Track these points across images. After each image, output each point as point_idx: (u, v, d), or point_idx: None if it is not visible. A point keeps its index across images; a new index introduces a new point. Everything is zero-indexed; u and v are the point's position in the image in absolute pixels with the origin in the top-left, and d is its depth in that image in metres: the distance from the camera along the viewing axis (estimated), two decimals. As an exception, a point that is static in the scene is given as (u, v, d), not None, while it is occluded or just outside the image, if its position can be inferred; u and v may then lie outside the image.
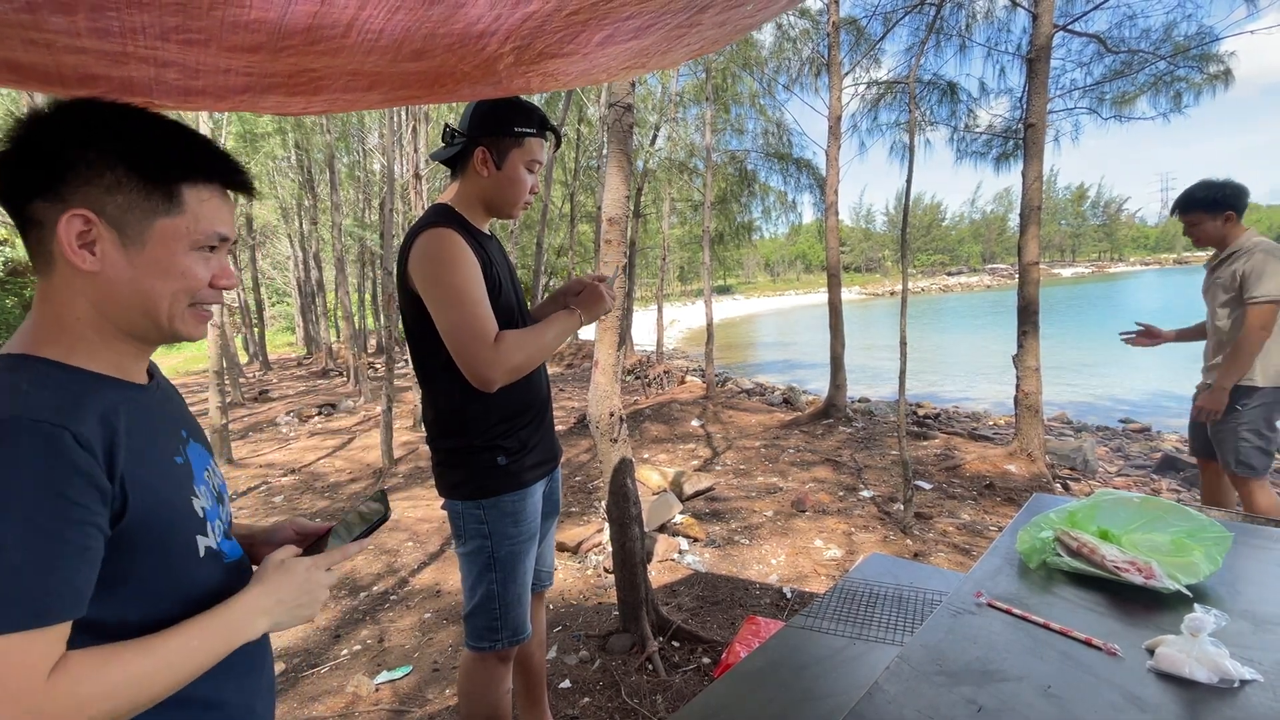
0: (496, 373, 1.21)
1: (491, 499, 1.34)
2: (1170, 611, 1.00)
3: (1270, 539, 1.33)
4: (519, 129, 1.31)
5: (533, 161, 1.35)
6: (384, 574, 3.34)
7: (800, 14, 8.21)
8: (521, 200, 1.36)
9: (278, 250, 21.29)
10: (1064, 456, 5.13)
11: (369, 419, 7.90)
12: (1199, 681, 0.84)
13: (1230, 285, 2.50)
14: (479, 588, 1.38)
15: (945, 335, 21.64)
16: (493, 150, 1.31)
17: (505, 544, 1.36)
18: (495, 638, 1.39)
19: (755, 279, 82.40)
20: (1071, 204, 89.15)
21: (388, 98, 1.04)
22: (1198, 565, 1.09)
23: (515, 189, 1.34)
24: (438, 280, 1.21)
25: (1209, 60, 5.56)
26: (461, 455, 1.34)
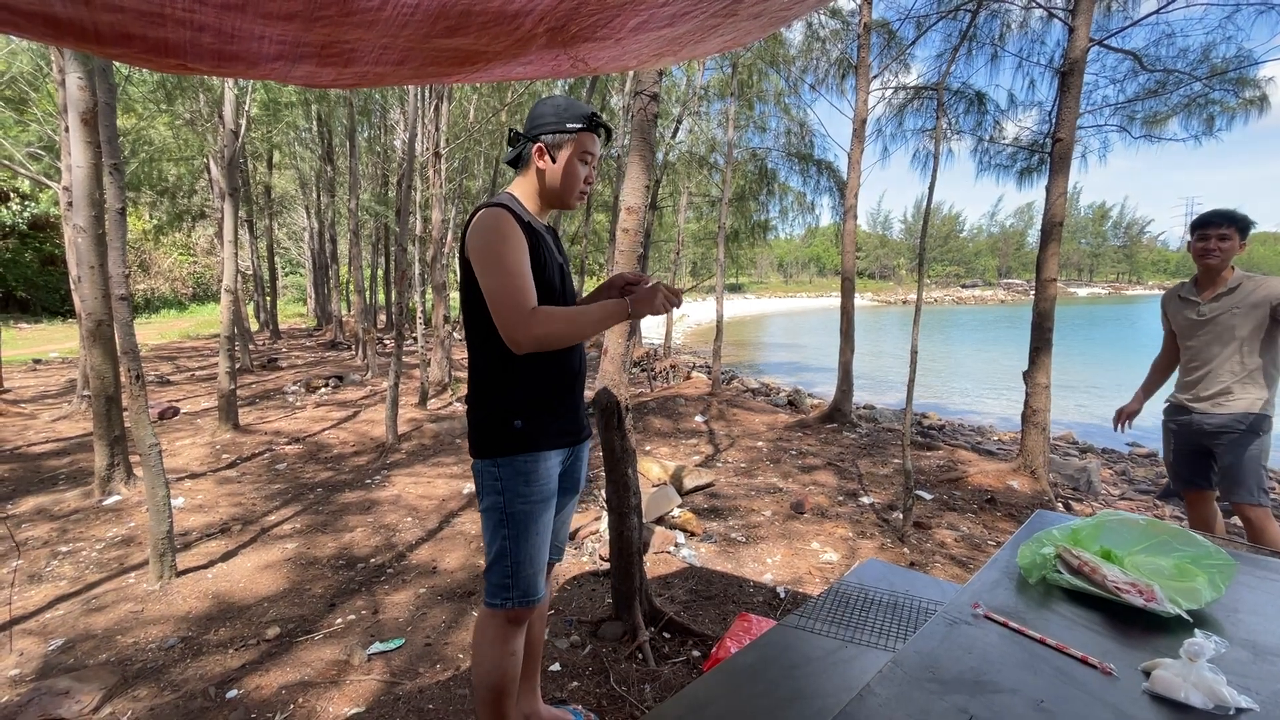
0: (524, 336, 1.31)
1: (506, 458, 1.43)
2: (1169, 635, 1.00)
3: (1275, 570, 1.32)
4: (570, 125, 1.44)
5: (585, 153, 1.47)
6: (382, 548, 3.37)
7: (831, 14, 8.12)
8: (576, 190, 1.49)
9: (294, 221, 21.37)
10: (1068, 476, 5.11)
11: (375, 393, 7.94)
12: (1194, 706, 0.84)
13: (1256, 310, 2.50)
14: (494, 544, 1.47)
15: (956, 347, 21.49)
16: (549, 146, 1.45)
17: (517, 501, 1.44)
18: (506, 595, 1.47)
19: (768, 279, 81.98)
20: (1093, 223, 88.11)
21: (418, 73, 1.03)
22: (1200, 591, 1.08)
23: (569, 180, 1.47)
24: (486, 248, 1.34)
25: (1245, 84, 5.46)
26: (485, 417, 1.46)
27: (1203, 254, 2.58)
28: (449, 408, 7.26)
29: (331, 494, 4.23)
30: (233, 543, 3.39)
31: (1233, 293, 2.55)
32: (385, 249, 17.58)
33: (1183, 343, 2.74)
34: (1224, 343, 2.58)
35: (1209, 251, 2.55)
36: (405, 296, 6.33)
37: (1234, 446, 2.54)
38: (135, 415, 2.91)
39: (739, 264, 21.38)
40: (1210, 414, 2.61)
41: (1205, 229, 2.57)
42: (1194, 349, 2.67)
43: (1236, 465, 2.54)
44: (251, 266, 15.80)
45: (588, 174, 1.50)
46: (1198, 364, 2.66)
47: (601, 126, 1.49)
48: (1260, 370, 2.53)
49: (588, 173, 1.50)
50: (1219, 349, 2.60)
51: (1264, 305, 2.47)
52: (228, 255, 5.73)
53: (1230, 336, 2.56)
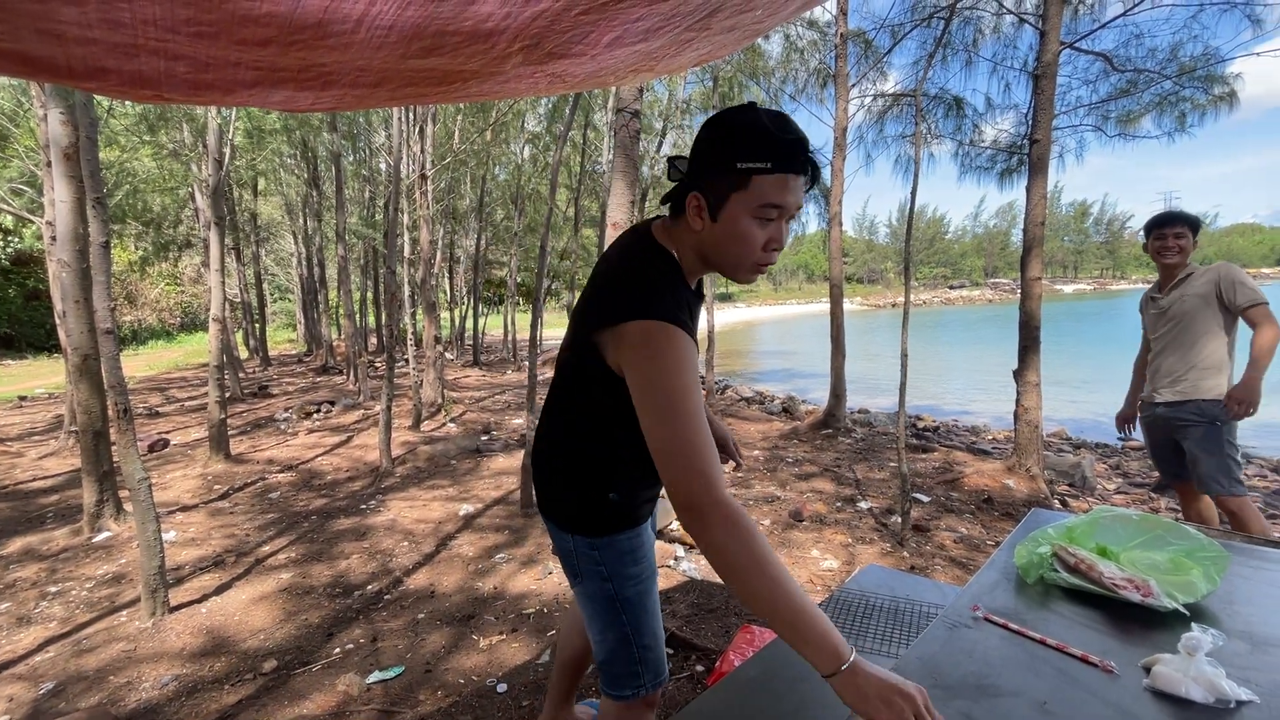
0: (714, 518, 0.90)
1: (606, 538, 1.22)
2: (1167, 630, 1.00)
3: (1267, 559, 1.32)
4: (743, 164, 0.94)
5: (766, 207, 0.97)
6: (378, 574, 3.33)
7: (808, 25, 8.25)
8: (752, 258, 1.02)
9: (281, 247, 21.34)
10: (1063, 473, 5.12)
11: (368, 417, 7.89)
12: (1195, 701, 0.84)
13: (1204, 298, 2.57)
14: (609, 632, 1.26)
15: (946, 348, 21.62)
16: (709, 195, 0.99)
17: (628, 585, 1.24)
18: (638, 684, 1.27)
19: (757, 287, 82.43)
20: (1074, 221, 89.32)
21: (396, 94, 1.04)
22: (1196, 584, 1.08)
23: (739, 246, 1.00)
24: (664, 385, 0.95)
25: (1214, 81, 5.58)
26: (576, 486, 1.22)
27: (1160, 253, 2.66)
28: (443, 429, 7.21)
29: (326, 521, 4.18)
30: (226, 575, 3.34)
31: (1183, 283, 2.64)
32: (374, 271, 17.56)
33: (1151, 341, 2.81)
34: (1180, 333, 2.64)
35: (1166, 250, 2.63)
36: (396, 318, 6.32)
37: (1196, 438, 2.58)
38: (123, 449, 2.87)
39: (728, 274, 21.50)
40: (1171, 405, 2.65)
41: (1161, 229, 2.65)
42: (1156, 343, 2.74)
43: (1201, 457, 2.57)
44: (239, 294, 15.74)
45: (773, 237, 1.00)
46: (1159, 357, 2.73)
47: (801, 159, 0.96)
48: (1215, 358, 2.56)
49: (773, 235, 1.00)
50: (1176, 340, 2.65)
51: (1210, 290, 2.53)
52: (215, 284, 5.71)
53: (1185, 327, 2.61)
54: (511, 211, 14.92)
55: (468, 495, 4.68)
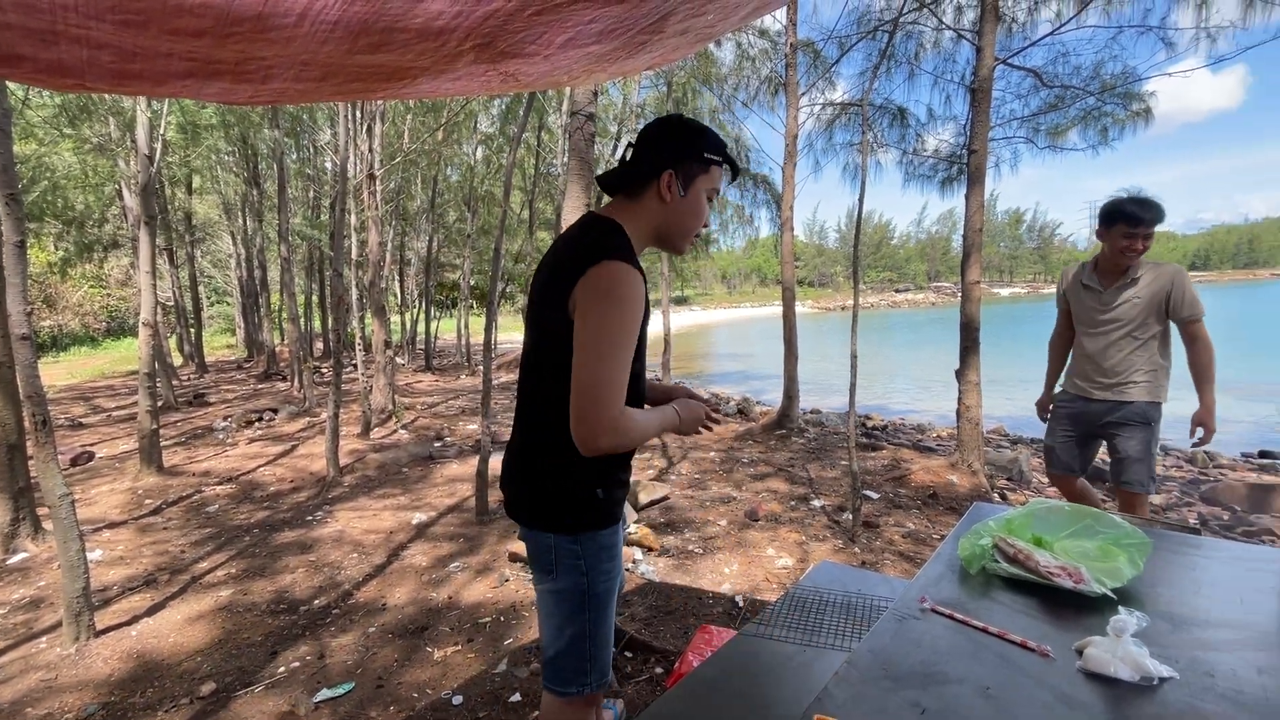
0: (607, 442, 1.12)
1: (589, 534, 1.27)
2: (1097, 614, 1.06)
3: (1184, 544, 1.42)
4: (708, 154, 1.23)
5: (714, 190, 1.28)
6: (325, 588, 3.21)
7: (759, 34, 8.42)
8: (693, 230, 1.28)
9: (219, 248, 20.36)
10: (1001, 467, 5.36)
11: (314, 425, 7.60)
12: (1123, 680, 0.89)
13: (1152, 302, 2.52)
14: (568, 628, 1.29)
15: (893, 350, 22.37)
16: (680, 174, 1.22)
17: (602, 580, 1.29)
18: (584, 681, 1.30)
19: (712, 290, 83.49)
20: (1009, 228, 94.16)
21: (341, 90, 1.00)
22: (1122, 570, 1.15)
23: (695, 219, 1.27)
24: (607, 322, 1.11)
25: (1132, 98, 5.96)
26: (563, 484, 1.26)
27: (1127, 251, 2.50)
28: (394, 435, 7.02)
29: (269, 534, 4.00)
30: (159, 595, 3.16)
31: (1135, 283, 2.55)
32: (320, 274, 16.97)
33: (1083, 329, 2.70)
34: (1126, 333, 2.58)
35: (1134, 250, 2.49)
36: (343, 322, 6.11)
37: (1132, 436, 2.58)
38: (42, 464, 2.68)
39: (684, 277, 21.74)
40: (1111, 403, 2.61)
41: (1140, 225, 2.46)
42: (1096, 337, 2.64)
43: (1134, 458, 2.57)
44: (173, 297, 14.93)
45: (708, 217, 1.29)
46: (1100, 353, 2.64)
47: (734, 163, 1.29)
48: (1155, 360, 2.57)
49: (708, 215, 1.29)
50: (1121, 339, 2.59)
51: (1162, 295, 2.51)
52: (145, 286, 5.39)
53: (1132, 326, 2.56)
54: (464, 213, 14.66)
55: (420, 503, 4.57)
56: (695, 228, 1.27)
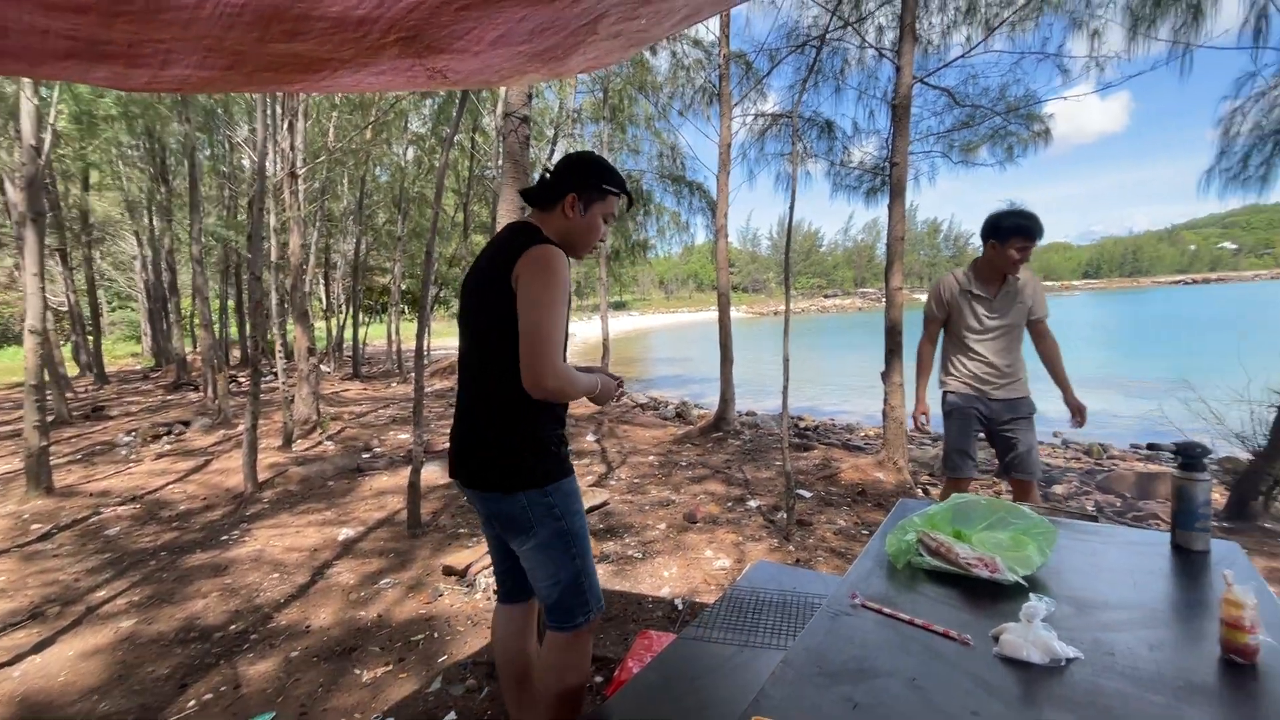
0: (553, 383, 1.35)
1: (555, 483, 1.47)
2: (1011, 601, 1.12)
3: (1084, 531, 1.53)
4: (605, 186, 1.52)
5: (609, 215, 1.56)
6: (241, 612, 3.00)
7: (693, 44, 8.57)
8: (590, 243, 1.56)
9: (121, 249, 18.81)
10: (924, 464, 5.65)
11: (230, 438, 7.12)
12: (1034, 663, 0.94)
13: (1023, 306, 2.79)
14: (562, 572, 1.48)
15: (823, 353, 23.21)
16: (581, 198, 1.50)
17: (576, 519, 1.50)
18: (587, 610, 1.51)
19: (650, 295, 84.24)
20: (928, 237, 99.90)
21: (253, 80, 0.94)
22: (1032, 558, 1.22)
23: (591, 235, 1.55)
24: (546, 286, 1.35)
25: (1033, 119, 6.43)
26: (530, 446, 1.45)
27: (1016, 262, 2.67)
28: (318, 448, 6.67)
29: (177, 558, 3.71)
30: (47, 630, 2.86)
31: (1018, 290, 2.78)
32: (236, 277, 15.96)
33: (972, 335, 2.81)
34: (1011, 335, 2.80)
35: (1021, 262, 2.70)
36: (262, 328, 5.76)
37: (1029, 429, 2.80)
38: (-99, 487, 2.38)
39: (622, 282, 21.82)
40: (1010, 400, 2.80)
41: (1034, 238, 2.65)
42: (988, 341, 2.80)
43: (1032, 448, 2.78)
44: (67, 302, 13.66)
45: (604, 233, 1.59)
46: (995, 354, 2.79)
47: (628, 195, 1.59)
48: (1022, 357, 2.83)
49: (605, 232, 1.58)
50: (1011, 340, 2.80)
51: (1031, 299, 2.79)
52: (32, 290, 4.90)
53: (1015, 330, 2.80)
54: (395, 215, 14.15)
55: (347, 518, 4.35)
56: (590, 242, 1.56)
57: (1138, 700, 0.86)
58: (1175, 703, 0.86)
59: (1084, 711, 0.84)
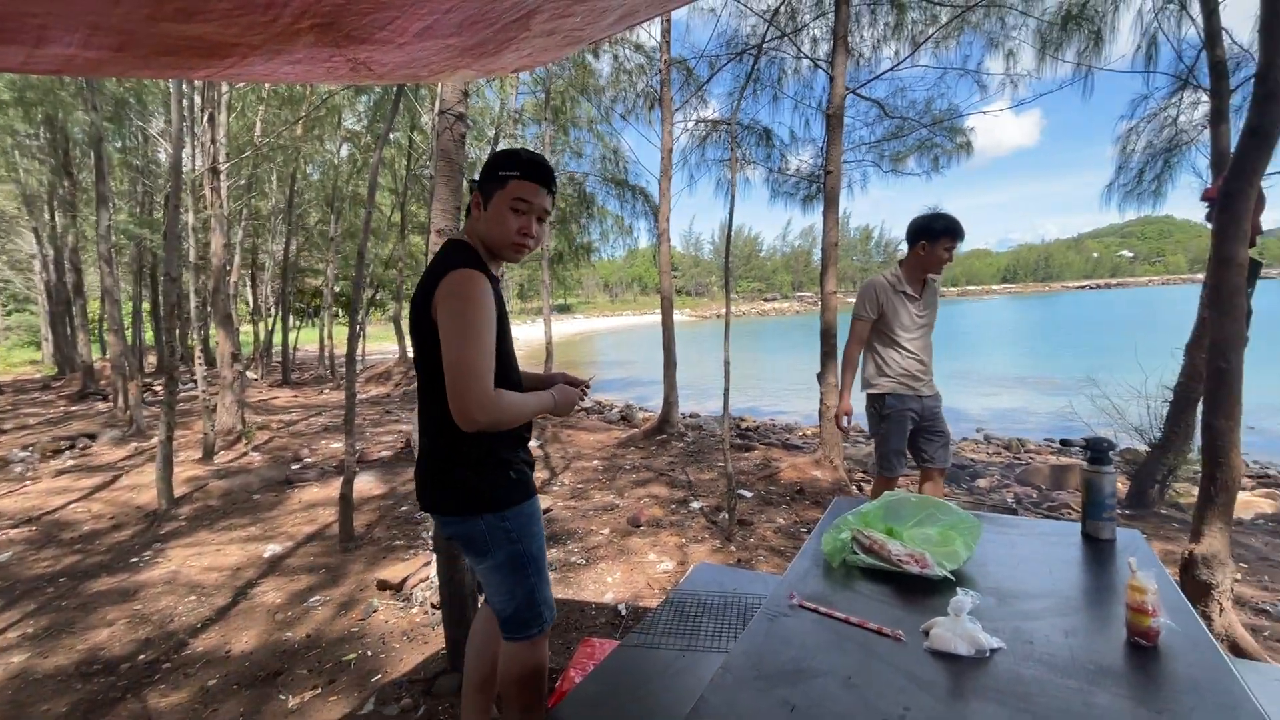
0: (483, 417, 1.29)
1: (515, 508, 1.45)
2: (940, 595, 1.16)
3: (1004, 524, 1.60)
4: (501, 171, 1.39)
5: (517, 200, 1.39)
6: (152, 640, 2.78)
7: (635, 48, 8.60)
8: (509, 240, 1.41)
9: (17, 246, 17.23)
10: (859, 461, 5.84)
11: (143, 451, 6.62)
12: (962, 655, 0.97)
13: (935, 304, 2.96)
14: (518, 589, 1.47)
15: (764, 354, 23.75)
16: (482, 192, 1.41)
17: (534, 542, 1.48)
18: (540, 622, 1.51)
19: (594, 299, 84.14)
20: (861, 243, 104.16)
21: (150, 64, 0.86)
22: (958, 552, 1.27)
23: (501, 228, 1.40)
24: (459, 315, 1.29)
25: (956, 132, 6.79)
26: (485, 471, 1.42)
27: (944, 262, 2.77)
28: (242, 459, 6.29)
29: (79, 583, 3.41)
30: (-82, 669, 2.57)
31: (934, 290, 2.94)
32: (151, 279, 14.89)
33: (903, 334, 2.85)
34: (929, 333, 2.93)
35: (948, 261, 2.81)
36: (179, 333, 5.38)
37: (944, 421, 2.99)
38: None
39: (566, 285, 21.66)
40: (933, 395, 2.94)
41: (959, 239, 2.76)
42: (917, 339, 2.88)
43: (949, 439, 2.99)
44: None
45: (523, 225, 1.40)
46: (921, 352, 2.88)
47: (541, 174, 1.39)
48: None
49: (523, 224, 1.40)
50: (928, 339, 2.92)
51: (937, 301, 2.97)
52: (-97, 291, 4.42)
53: (931, 327, 2.94)
54: (327, 214, 13.56)
55: (273, 534, 4.12)
56: (504, 235, 1.40)
57: (1054, 686, 0.90)
58: (1088, 686, 0.90)
59: (1007, 700, 0.88)
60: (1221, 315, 2.29)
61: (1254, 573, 3.26)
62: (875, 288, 2.91)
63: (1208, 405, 2.34)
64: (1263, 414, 8.74)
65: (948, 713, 0.86)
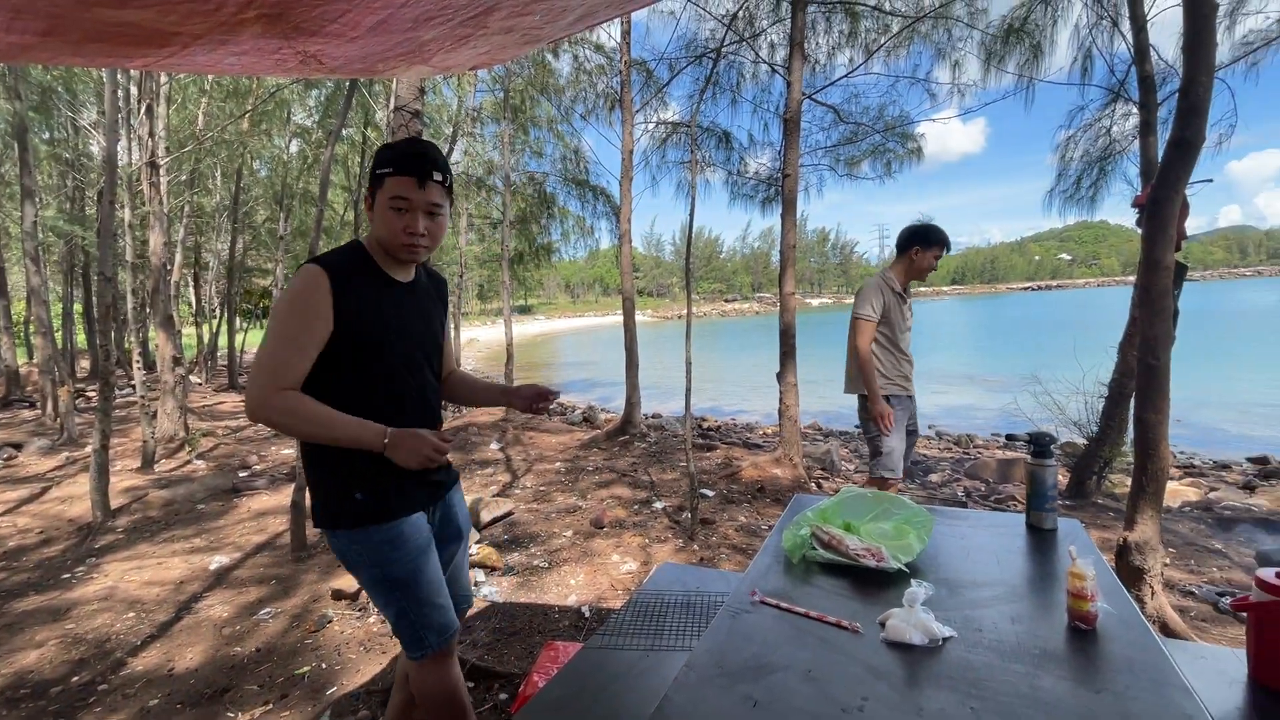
0: (259, 415, 1.26)
1: (363, 530, 1.36)
2: (895, 588, 1.19)
3: (955, 517, 1.66)
4: (379, 170, 1.33)
5: (395, 199, 1.32)
6: (87, 661, 2.63)
7: (595, 49, 8.58)
8: (397, 241, 1.35)
9: (-70, 243, 16.05)
10: (817, 459, 5.97)
11: (74, 461, 6.26)
12: (916, 645, 1.00)
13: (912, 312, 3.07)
14: (389, 608, 1.42)
15: (725, 355, 24.03)
16: (370, 194, 1.37)
17: (394, 567, 1.38)
18: (424, 646, 1.44)
19: (556, 300, 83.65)
20: (818, 245, 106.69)
21: (81, 52, 0.81)
22: (912, 545, 1.31)
23: (384, 227, 1.35)
24: (274, 314, 1.29)
25: (908, 138, 7.02)
26: (326, 487, 1.38)
27: (933, 270, 2.95)
28: (186, 468, 6.01)
29: (3, 604, 3.20)
30: None
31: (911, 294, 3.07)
32: (84, 278, 14.08)
33: (899, 335, 2.94)
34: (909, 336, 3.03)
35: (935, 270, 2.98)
36: (116, 336, 5.10)
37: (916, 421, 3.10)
38: None
39: (527, 286, 21.42)
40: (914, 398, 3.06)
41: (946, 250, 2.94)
42: (904, 341, 2.99)
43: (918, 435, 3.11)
44: None
45: (407, 224, 1.33)
46: (908, 354, 3.00)
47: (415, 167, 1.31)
48: None
49: (407, 223, 1.33)
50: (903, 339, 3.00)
51: None
52: None
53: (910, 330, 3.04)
54: (276, 212, 13.08)
55: (220, 544, 3.95)
56: (391, 237, 1.35)
57: (1002, 671, 0.94)
58: (1033, 670, 0.94)
59: (958, 686, 0.91)
60: (1151, 315, 2.43)
61: (1181, 557, 3.47)
62: (881, 289, 2.96)
63: (1139, 400, 2.47)
64: (1189, 408, 9.31)
65: (903, 701, 0.88)
